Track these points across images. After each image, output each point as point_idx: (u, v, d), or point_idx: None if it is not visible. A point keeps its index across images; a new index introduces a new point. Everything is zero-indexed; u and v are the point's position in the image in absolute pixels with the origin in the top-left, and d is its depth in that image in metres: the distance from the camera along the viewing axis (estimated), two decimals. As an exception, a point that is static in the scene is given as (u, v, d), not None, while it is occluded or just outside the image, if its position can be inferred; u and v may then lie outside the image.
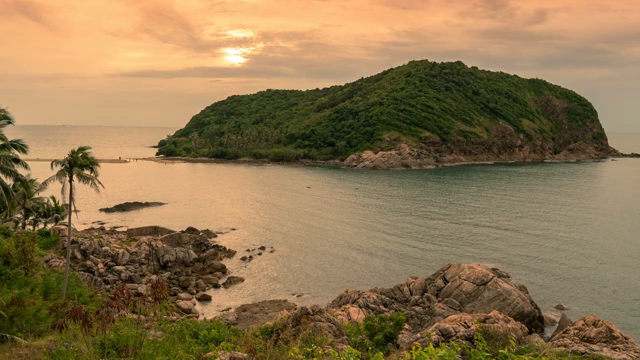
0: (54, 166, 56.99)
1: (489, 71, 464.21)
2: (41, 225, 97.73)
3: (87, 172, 57.80)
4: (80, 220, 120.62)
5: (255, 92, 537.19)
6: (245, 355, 19.82)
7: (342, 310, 59.19)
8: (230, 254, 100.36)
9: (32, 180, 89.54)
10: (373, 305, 64.44)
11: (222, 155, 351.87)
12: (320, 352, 16.31)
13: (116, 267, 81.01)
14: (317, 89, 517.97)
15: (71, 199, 57.13)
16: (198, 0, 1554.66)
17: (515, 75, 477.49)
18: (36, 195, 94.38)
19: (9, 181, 57.28)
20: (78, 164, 56.92)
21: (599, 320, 43.93)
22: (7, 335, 29.52)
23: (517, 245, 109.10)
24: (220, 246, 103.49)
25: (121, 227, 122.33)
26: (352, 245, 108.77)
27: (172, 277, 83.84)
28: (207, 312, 70.27)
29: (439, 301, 66.92)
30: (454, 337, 38.22)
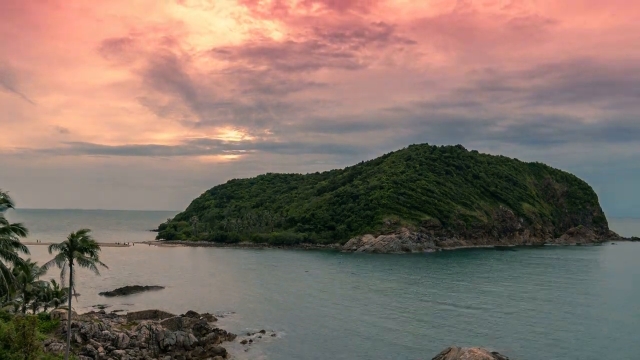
0: (52, 250, 57.36)
1: (489, 155, 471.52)
2: (41, 309, 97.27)
3: (87, 255, 58.10)
4: (81, 304, 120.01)
5: (256, 176, 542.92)
6: None
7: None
8: (230, 337, 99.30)
9: (32, 264, 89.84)
10: (375, 391, 63.63)
11: (222, 239, 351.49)
12: None
13: (116, 350, 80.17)
14: (317, 173, 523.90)
15: (71, 282, 57.32)
16: (203, 64, 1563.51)
17: (515, 159, 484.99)
18: (36, 279, 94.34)
19: (9, 265, 57.70)
20: (78, 247, 57.34)
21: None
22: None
23: (517, 328, 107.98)
24: (221, 330, 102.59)
25: (121, 310, 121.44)
26: (351, 329, 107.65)
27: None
28: (206, 398, 69.25)
29: (442, 386, 66.16)
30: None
